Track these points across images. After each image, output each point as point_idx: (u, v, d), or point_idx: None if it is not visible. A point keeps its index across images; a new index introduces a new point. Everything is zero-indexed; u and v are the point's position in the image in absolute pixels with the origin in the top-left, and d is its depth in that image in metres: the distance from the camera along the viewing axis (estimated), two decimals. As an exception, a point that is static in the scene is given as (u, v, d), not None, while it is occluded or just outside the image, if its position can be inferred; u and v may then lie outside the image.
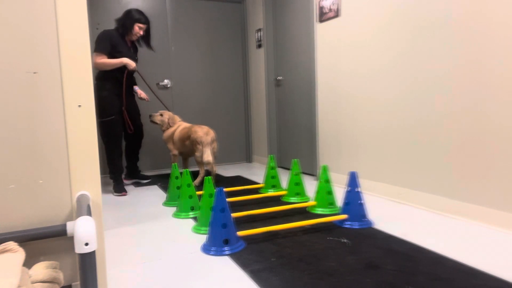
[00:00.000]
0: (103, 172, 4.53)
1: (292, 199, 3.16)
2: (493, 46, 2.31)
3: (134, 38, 3.68)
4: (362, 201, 2.49)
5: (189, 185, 2.88)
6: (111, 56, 3.51)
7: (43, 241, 1.24)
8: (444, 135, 2.66)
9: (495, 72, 2.31)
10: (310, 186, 3.69)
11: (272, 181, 3.48)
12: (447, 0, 2.56)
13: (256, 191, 3.56)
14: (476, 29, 2.40)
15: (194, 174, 4.10)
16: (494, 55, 2.31)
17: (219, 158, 5.36)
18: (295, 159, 3.24)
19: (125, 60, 3.51)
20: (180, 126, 4.03)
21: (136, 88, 3.90)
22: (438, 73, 2.66)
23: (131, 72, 3.64)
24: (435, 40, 2.66)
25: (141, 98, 3.92)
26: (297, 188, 3.18)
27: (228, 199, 3.01)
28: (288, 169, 4.72)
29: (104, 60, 3.48)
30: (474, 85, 2.44)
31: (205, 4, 5.07)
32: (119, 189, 3.63)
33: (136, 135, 3.91)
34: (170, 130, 4.04)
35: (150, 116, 4.08)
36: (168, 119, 4.06)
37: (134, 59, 3.70)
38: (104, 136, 3.58)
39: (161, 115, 4.06)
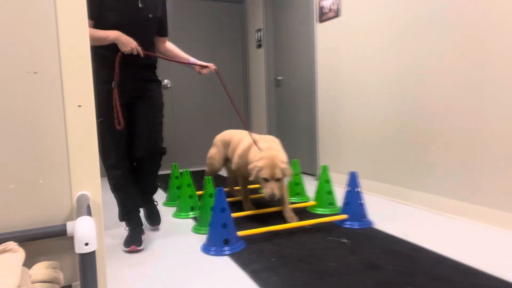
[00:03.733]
0: (103, 172, 4.53)
1: (292, 199, 3.16)
2: (493, 44, 2.31)
3: None
4: (362, 201, 2.49)
5: (189, 185, 2.88)
6: (101, 17, 2.09)
7: (43, 241, 1.24)
8: (444, 135, 2.66)
9: (495, 72, 2.31)
10: (310, 186, 3.69)
11: (272, 181, 3.47)
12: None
13: (256, 191, 3.55)
14: (477, 29, 2.40)
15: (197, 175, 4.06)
16: (492, 52, 2.31)
17: (219, 158, 5.35)
18: (295, 159, 3.24)
19: (113, 36, 2.04)
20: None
21: (192, 59, 2.46)
22: (439, 73, 2.66)
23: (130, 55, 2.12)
24: (436, 40, 2.66)
25: (200, 73, 2.47)
26: (297, 188, 3.18)
27: (228, 199, 3.01)
28: (288, 169, 4.72)
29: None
30: (474, 85, 2.44)
31: (205, 4, 5.07)
32: (120, 215, 2.37)
33: (142, 153, 2.29)
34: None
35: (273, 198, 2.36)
36: None
37: (147, 17, 2.21)
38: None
39: (279, 179, 2.41)
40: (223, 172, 4.74)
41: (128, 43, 2.06)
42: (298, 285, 1.69)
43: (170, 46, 2.47)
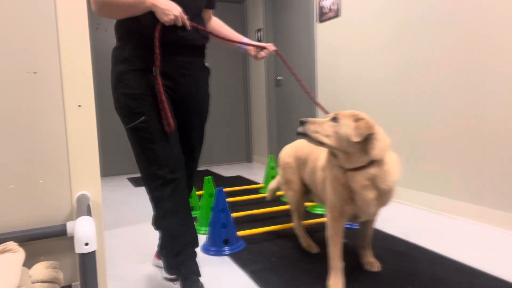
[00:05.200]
0: (103, 172, 4.54)
1: (292, 199, 3.15)
2: (493, 41, 2.31)
3: None
4: (362, 201, 2.48)
5: (189, 185, 2.88)
6: None
7: (43, 241, 1.24)
8: (444, 135, 2.66)
9: (494, 70, 2.31)
10: (310, 186, 3.69)
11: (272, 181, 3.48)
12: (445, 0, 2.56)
13: (256, 191, 3.55)
14: (477, 27, 2.40)
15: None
16: (492, 49, 2.31)
17: (219, 158, 5.35)
18: (295, 159, 3.23)
19: (150, 0, 1.45)
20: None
21: (246, 39, 1.85)
22: (438, 72, 2.66)
23: (173, 27, 1.50)
24: (436, 39, 2.66)
25: (256, 58, 1.83)
26: (297, 188, 3.17)
27: (228, 199, 3.01)
28: (288, 169, 4.72)
29: None
30: (473, 83, 2.44)
31: (205, 4, 5.07)
32: (167, 266, 1.69)
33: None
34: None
35: (303, 122, 1.50)
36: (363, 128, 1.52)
37: None
38: (137, 162, 1.60)
39: (335, 118, 1.53)
40: (224, 172, 4.74)
41: (170, 9, 1.44)
42: (298, 285, 1.69)
43: (217, 21, 1.91)
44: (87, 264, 1.01)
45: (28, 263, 1.12)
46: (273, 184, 2.40)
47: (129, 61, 1.54)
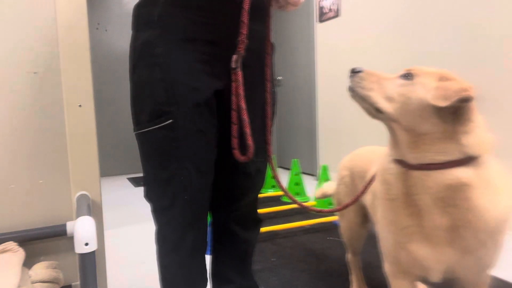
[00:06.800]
0: (103, 172, 4.54)
1: (292, 199, 3.16)
2: (494, 47, 2.31)
3: None
4: (362, 201, 2.48)
5: (189, 185, 2.88)
6: None
7: (43, 241, 1.24)
8: (444, 135, 2.66)
9: (495, 73, 2.31)
10: (310, 186, 3.69)
11: (272, 181, 3.48)
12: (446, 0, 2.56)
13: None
14: (478, 29, 2.40)
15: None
16: (493, 53, 2.31)
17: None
18: (295, 159, 3.24)
19: None
20: None
21: None
22: (438, 73, 2.67)
23: None
24: (437, 39, 2.66)
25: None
26: (297, 188, 3.18)
27: None
28: (288, 169, 4.73)
29: None
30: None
31: (205, 4, 5.06)
32: None
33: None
34: None
35: (354, 72, 0.97)
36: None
37: None
38: (143, 183, 1.22)
39: (408, 75, 0.93)
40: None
41: None
42: (298, 285, 1.69)
43: None
44: (87, 264, 1.01)
45: (28, 263, 1.12)
46: (329, 188, 1.73)
47: (161, 24, 0.95)
